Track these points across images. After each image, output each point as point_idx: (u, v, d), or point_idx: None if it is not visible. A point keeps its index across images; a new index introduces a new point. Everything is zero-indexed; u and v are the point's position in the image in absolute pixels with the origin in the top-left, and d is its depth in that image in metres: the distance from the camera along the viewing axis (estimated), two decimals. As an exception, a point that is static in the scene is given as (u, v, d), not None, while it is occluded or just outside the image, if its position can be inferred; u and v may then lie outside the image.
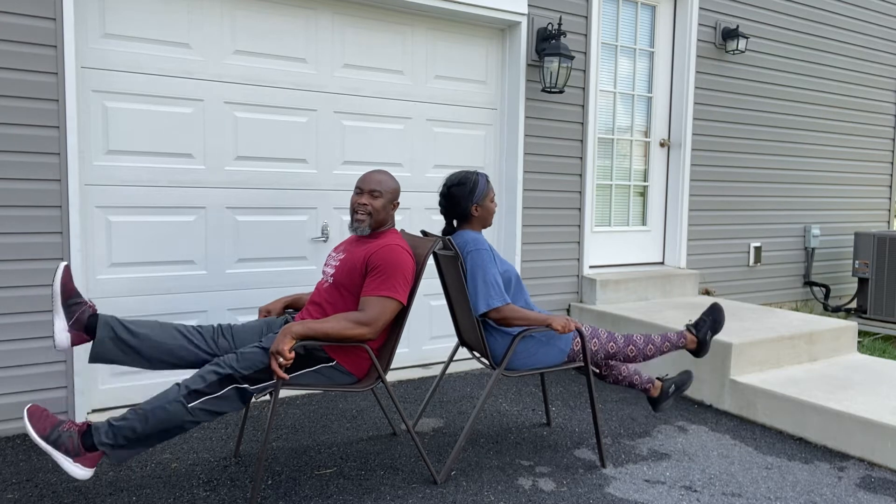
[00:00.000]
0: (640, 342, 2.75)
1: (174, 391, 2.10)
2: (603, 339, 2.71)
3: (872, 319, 5.29)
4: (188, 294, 3.34)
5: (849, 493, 2.50)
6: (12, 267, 2.85)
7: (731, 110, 5.14)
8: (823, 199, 5.87)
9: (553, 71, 4.00)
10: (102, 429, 2.04)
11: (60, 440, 1.99)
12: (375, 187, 2.46)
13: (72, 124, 2.90)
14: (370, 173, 2.50)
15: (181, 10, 3.23)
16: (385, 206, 2.47)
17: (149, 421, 2.05)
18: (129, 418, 2.06)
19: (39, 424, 2.00)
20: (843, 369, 3.56)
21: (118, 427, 2.04)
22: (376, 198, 2.45)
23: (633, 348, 2.74)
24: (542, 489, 2.46)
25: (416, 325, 4.03)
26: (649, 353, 2.76)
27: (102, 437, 2.02)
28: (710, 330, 2.89)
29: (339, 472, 2.57)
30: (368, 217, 2.45)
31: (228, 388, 2.14)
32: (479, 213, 2.68)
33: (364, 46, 3.73)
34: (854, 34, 5.85)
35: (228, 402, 2.15)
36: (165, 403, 2.07)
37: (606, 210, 4.80)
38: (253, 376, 2.18)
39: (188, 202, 3.31)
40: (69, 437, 2.00)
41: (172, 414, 2.07)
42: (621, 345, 2.72)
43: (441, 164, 4.05)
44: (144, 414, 2.06)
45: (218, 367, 2.15)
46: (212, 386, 2.12)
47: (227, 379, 2.14)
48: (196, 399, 2.10)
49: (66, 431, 2.01)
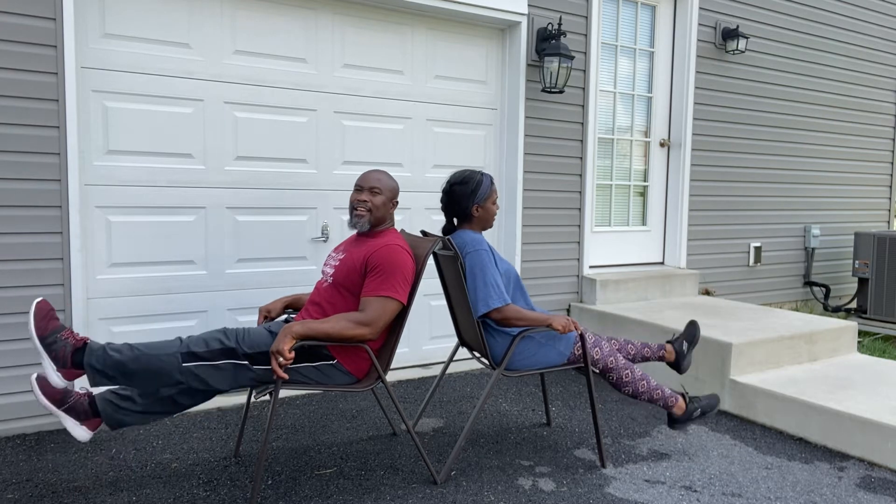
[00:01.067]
0: (637, 374, 2.68)
1: (175, 345, 2.11)
2: (605, 352, 2.68)
3: (872, 319, 5.29)
4: (188, 294, 3.34)
5: (849, 493, 2.50)
6: (12, 267, 2.85)
7: (731, 110, 5.14)
8: (823, 199, 5.87)
9: (553, 71, 4.00)
10: (97, 352, 2.03)
11: (55, 346, 1.98)
12: (375, 185, 2.47)
13: (72, 124, 2.90)
14: (369, 172, 2.52)
15: (181, 10, 3.23)
16: (384, 203, 2.48)
17: (140, 363, 2.05)
18: (124, 353, 2.05)
19: (41, 323, 1.99)
20: (843, 369, 3.56)
21: (110, 357, 2.04)
22: (376, 195, 2.47)
23: (630, 374, 2.67)
24: (542, 489, 2.46)
25: (416, 325, 4.03)
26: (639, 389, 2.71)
27: (92, 360, 2.02)
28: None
29: (339, 472, 2.57)
30: (368, 213, 2.46)
31: (226, 361, 2.14)
32: (480, 213, 2.68)
33: (364, 46, 3.73)
34: (854, 34, 5.85)
35: (221, 374, 2.14)
36: (162, 353, 2.07)
37: (606, 210, 4.80)
38: (255, 356, 2.18)
39: (188, 202, 3.31)
40: (62, 346, 1.99)
41: (165, 364, 2.07)
42: (621, 365, 2.68)
43: (441, 164, 4.05)
44: (139, 355, 2.06)
45: (224, 336, 2.16)
46: (212, 353, 2.12)
47: (230, 352, 2.14)
48: (192, 361, 2.10)
49: (62, 339, 2.00)
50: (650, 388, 2.68)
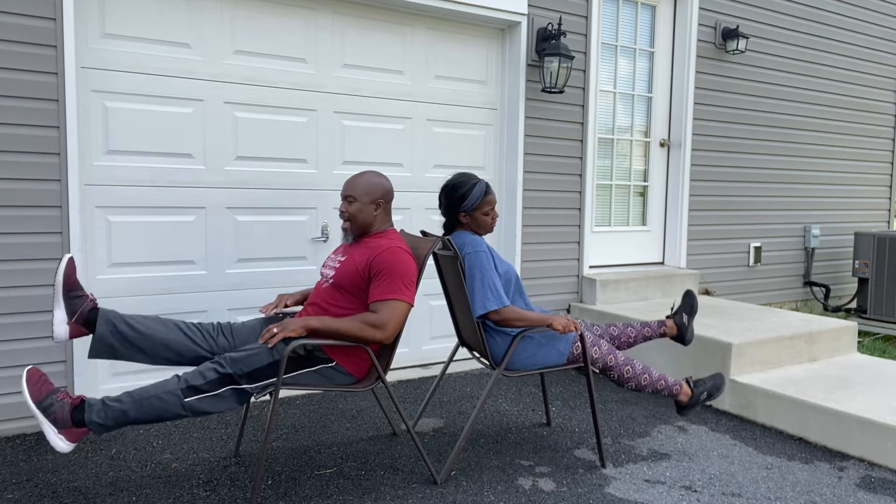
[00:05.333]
0: (638, 368, 2.68)
1: (173, 383, 2.11)
2: (603, 350, 2.68)
3: (872, 319, 5.29)
4: (188, 294, 3.34)
5: (849, 493, 2.50)
6: (12, 267, 2.85)
7: (731, 110, 5.14)
8: (823, 199, 5.87)
9: (553, 71, 4.00)
10: (95, 407, 2.05)
11: (52, 409, 2.00)
12: (349, 192, 2.45)
13: (72, 124, 2.90)
14: (351, 178, 2.49)
15: (181, 10, 3.23)
16: (363, 209, 2.44)
17: (142, 408, 2.07)
18: (124, 402, 2.07)
19: (35, 388, 2.01)
20: (843, 369, 3.56)
21: (111, 408, 2.05)
22: (351, 203, 2.45)
23: (630, 369, 2.67)
24: (542, 489, 2.46)
25: (416, 325, 4.03)
26: (642, 382, 2.70)
27: (94, 416, 2.03)
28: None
29: (339, 472, 2.57)
30: (349, 223, 2.46)
31: (226, 388, 2.16)
32: (467, 221, 2.67)
33: (364, 46, 3.73)
34: (854, 34, 5.85)
35: (224, 401, 2.16)
36: (162, 393, 2.09)
37: (606, 210, 4.80)
38: (253, 374, 2.19)
39: (188, 202, 3.31)
40: (60, 408, 2.01)
41: (167, 404, 2.09)
42: (620, 362, 2.69)
43: (441, 164, 4.04)
44: (139, 401, 2.07)
45: (219, 365, 2.16)
46: (210, 384, 2.14)
47: (227, 378, 2.16)
48: (193, 395, 2.11)
49: (58, 401, 2.02)
50: (653, 381, 2.68)
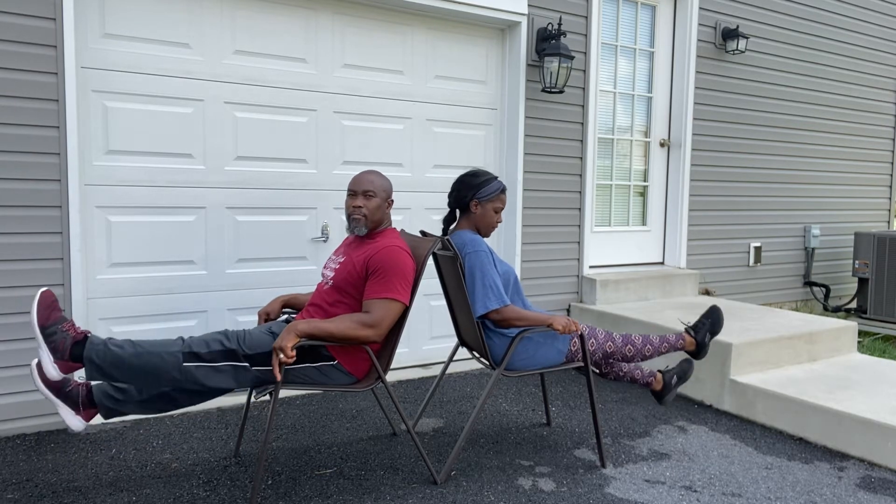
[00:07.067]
0: (638, 342, 2.76)
1: (177, 344, 2.11)
2: (600, 339, 2.71)
3: (872, 319, 5.29)
4: (188, 294, 3.34)
5: (849, 493, 2.50)
6: (12, 267, 2.85)
7: (731, 110, 5.14)
8: (823, 199, 5.87)
9: (553, 71, 4.00)
10: (97, 347, 2.03)
11: (54, 336, 1.98)
12: (368, 188, 2.46)
13: (72, 124, 2.90)
14: (361, 174, 2.50)
15: (181, 10, 3.23)
16: (380, 205, 2.47)
17: (141, 358, 2.05)
18: (125, 348, 2.05)
19: (44, 311, 1.99)
20: (842, 369, 3.56)
21: (111, 352, 2.03)
22: (370, 198, 2.45)
23: (631, 347, 2.75)
24: (542, 489, 2.46)
25: (416, 325, 4.03)
26: (647, 353, 2.76)
27: (92, 355, 2.02)
28: (709, 332, 2.89)
29: (339, 472, 2.57)
30: (364, 218, 2.45)
31: (227, 363, 2.14)
32: (477, 211, 2.67)
33: (364, 46, 3.73)
34: (854, 34, 5.85)
35: (220, 376, 2.15)
36: (163, 351, 2.07)
37: (606, 210, 4.80)
38: (255, 357, 2.18)
39: (188, 202, 3.31)
40: (62, 338, 1.99)
41: (166, 364, 2.07)
42: (619, 344, 2.73)
43: (441, 164, 4.04)
44: (140, 353, 2.06)
45: (225, 338, 2.16)
46: (213, 354, 2.12)
47: (230, 353, 2.15)
48: (193, 361, 2.10)
49: (62, 331, 2.00)
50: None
